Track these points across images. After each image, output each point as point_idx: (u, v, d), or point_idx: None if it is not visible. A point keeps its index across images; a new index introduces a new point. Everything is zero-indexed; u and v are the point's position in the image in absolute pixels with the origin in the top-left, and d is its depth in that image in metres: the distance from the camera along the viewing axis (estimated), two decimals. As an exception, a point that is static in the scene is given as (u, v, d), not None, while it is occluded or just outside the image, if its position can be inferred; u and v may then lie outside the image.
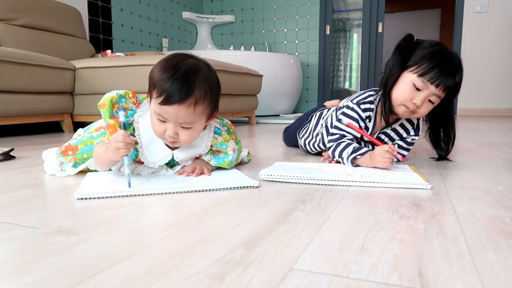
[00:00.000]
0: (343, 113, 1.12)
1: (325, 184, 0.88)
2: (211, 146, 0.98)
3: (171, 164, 0.99)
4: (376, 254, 0.48)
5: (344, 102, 1.19)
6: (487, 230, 0.58)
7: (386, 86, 1.05)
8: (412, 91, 1.00)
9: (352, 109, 1.10)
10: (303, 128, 1.40)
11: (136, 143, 0.93)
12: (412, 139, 1.17)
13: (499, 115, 4.10)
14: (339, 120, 1.12)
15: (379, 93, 1.09)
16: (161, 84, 0.83)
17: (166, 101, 0.82)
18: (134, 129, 0.93)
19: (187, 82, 0.83)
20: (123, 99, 0.95)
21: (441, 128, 1.12)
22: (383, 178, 0.89)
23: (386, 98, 1.06)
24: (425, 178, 0.91)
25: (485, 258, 0.47)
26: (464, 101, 4.28)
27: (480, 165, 1.15)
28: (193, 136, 0.91)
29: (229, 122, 1.08)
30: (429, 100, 1.01)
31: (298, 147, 1.50)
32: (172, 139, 0.88)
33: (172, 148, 0.96)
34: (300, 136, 1.40)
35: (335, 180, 0.88)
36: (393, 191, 0.83)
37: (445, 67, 0.97)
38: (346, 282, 0.41)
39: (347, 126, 1.09)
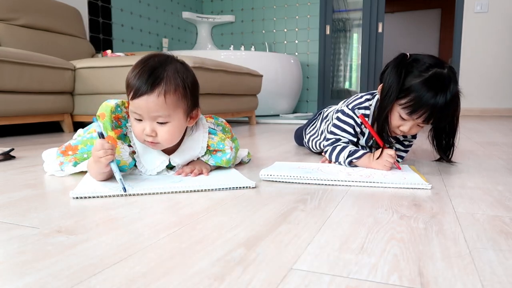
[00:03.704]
0: (338, 119, 1.12)
1: (325, 184, 0.88)
2: (208, 146, 0.97)
3: (170, 167, 0.99)
4: (376, 254, 0.48)
5: (340, 105, 1.19)
6: (487, 230, 0.58)
7: (381, 114, 1.01)
8: (399, 120, 1.01)
9: (347, 115, 1.10)
10: (311, 125, 1.41)
11: (134, 152, 0.93)
12: (410, 142, 1.17)
13: (499, 115, 4.10)
14: (334, 125, 1.12)
15: (374, 109, 1.08)
16: (131, 81, 0.84)
17: (135, 95, 0.82)
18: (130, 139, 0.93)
19: (153, 74, 0.83)
20: (119, 109, 0.94)
21: (443, 131, 1.11)
22: (383, 178, 0.89)
23: (382, 124, 1.02)
24: (425, 178, 0.91)
25: (485, 258, 0.47)
26: (464, 101, 4.25)
27: (480, 165, 1.15)
28: (173, 134, 0.88)
29: (224, 121, 1.08)
30: (418, 125, 1.01)
31: (302, 144, 1.50)
32: (151, 139, 0.86)
33: (168, 154, 0.95)
34: (307, 133, 1.40)
35: (335, 180, 0.88)
36: (393, 191, 0.83)
37: (433, 96, 0.93)
38: (346, 282, 0.41)
39: (359, 117, 1.08)
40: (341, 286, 0.40)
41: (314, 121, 1.40)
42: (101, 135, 0.85)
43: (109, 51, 2.80)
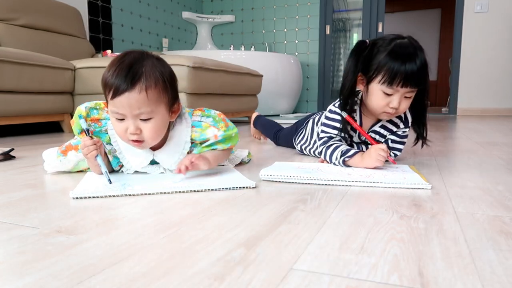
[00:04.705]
0: (326, 117, 1.13)
1: (325, 184, 0.88)
2: (194, 140, 0.95)
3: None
4: (376, 254, 0.48)
5: (329, 106, 1.19)
6: (487, 230, 0.58)
7: (343, 93, 1.07)
8: (385, 98, 1.02)
9: (335, 112, 1.11)
10: (299, 134, 1.39)
11: (115, 150, 0.94)
12: (403, 132, 1.16)
13: (499, 115, 4.10)
14: (324, 124, 1.13)
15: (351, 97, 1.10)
16: (109, 80, 0.82)
17: (115, 93, 0.80)
18: (110, 138, 0.94)
19: (131, 70, 0.81)
20: (95, 111, 0.94)
21: (415, 108, 1.12)
22: (383, 178, 0.89)
23: (345, 104, 1.07)
24: (425, 178, 0.90)
25: (485, 258, 0.47)
26: (464, 101, 4.28)
27: (480, 165, 1.15)
28: (157, 130, 0.86)
29: (218, 112, 1.00)
30: (405, 97, 1.02)
31: (291, 147, 1.50)
32: (135, 137, 0.84)
33: (153, 149, 0.94)
34: (297, 142, 1.39)
35: (335, 180, 0.88)
36: (393, 191, 0.83)
37: (404, 63, 0.97)
38: (346, 282, 0.41)
39: (345, 119, 1.09)
40: (341, 286, 0.40)
41: (301, 130, 1.38)
42: (87, 132, 0.89)
43: (109, 51, 2.81)
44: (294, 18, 4.64)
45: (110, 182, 0.83)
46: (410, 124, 1.15)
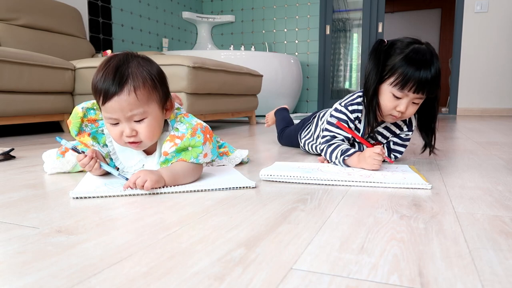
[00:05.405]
0: (332, 116, 1.13)
1: (325, 184, 0.88)
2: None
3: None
4: (376, 254, 0.48)
5: (335, 104, 1.19)
6: (487, 230, 0.58)
7: (367, 96, 1.05)
8: (393, 100, 1.02)
9: (340, 111, 1.11)
10: (305, 129, 1.40)
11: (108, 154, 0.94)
12: (406, 135, 1.16)
13: (499, 115, 4.10)
14: (328, 123, 1.13)
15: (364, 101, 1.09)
16: (98, 85, 0.81)
17: (105, 98, 0.80)
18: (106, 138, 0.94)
19: (118, 72, 0.80)
20: (92, 111, 0.94)
21: (425, 116, 1.11)
22: (383, 178, 0.89)
23: (369, 108, 1.06)
24: (425, 178, 0.91)
25: (485, 258, 0.47)
26: (464, 101, 4.28)
27: (480, 165, 1.15)
28: (153, 129, 0.85)
29: (198, 121, 0.92)
30: (413, 102, 1.02)
31: (294, 147, 1.50)
32: (132, 139, 0.84)
33: (147, 153, 0.94)
34: (302, 137, 1.40)
35: (335, 180, 0.88)
36: (393, 191, 0.83)
37: (418, 69, 0.96)
38: (346, 282, 0.41)
39: (336, 124, 1.09)
40: (341, 286, 0.40)
41: (308, 125, 1.39)
42: (76, 150, 0.88)
43: (109, 51, 2.80)
44: (294, 18, 4.64)
45: (127, 179, 0.81)
46: (414, 129, 1.15)
